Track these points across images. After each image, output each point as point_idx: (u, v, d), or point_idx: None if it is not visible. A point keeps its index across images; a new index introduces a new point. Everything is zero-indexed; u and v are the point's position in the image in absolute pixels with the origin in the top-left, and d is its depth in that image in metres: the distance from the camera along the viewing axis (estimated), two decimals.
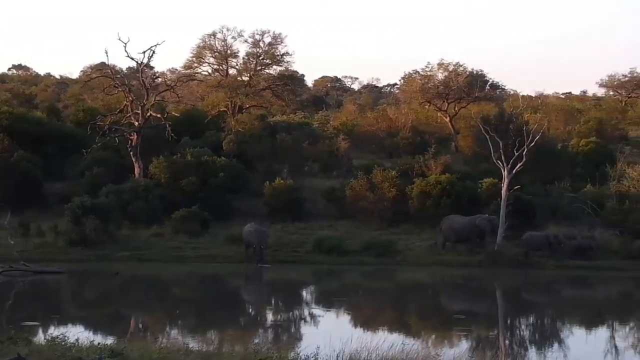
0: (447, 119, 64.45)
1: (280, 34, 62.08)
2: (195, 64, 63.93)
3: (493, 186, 45.04)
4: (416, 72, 67.33)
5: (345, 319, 30.08)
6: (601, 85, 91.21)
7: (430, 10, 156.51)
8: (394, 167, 49.67)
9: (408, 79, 68.71)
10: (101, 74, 54.02)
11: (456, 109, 64.56)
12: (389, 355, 17.20)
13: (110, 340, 20.44)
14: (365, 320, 29.13)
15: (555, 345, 25.13)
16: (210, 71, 64.87)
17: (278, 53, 62.00)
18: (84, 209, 40.59)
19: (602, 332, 28.56)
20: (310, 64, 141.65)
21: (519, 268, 40.09)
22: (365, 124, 64.37)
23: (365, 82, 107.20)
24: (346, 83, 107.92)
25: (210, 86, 63.36)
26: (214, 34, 62.24)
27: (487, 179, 46.16)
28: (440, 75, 65.58)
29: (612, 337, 27.18)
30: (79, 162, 48.71)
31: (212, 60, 63.60)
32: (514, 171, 42.66)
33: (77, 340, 17.29)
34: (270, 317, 30.51)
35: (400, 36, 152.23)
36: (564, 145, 57.53)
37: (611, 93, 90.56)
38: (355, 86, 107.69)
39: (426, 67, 66.21)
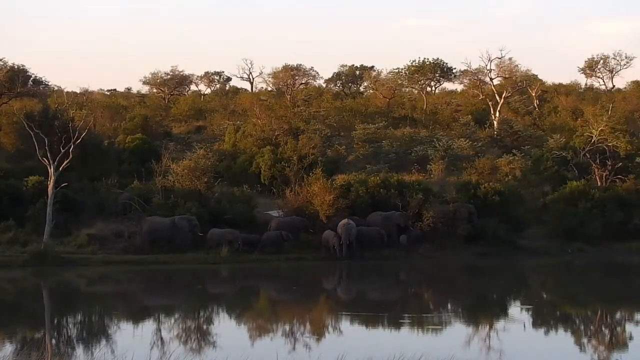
0: None
1: None
2: None
3: (39, 184, 44.07)
4: None
5: None
6: (145, 83, 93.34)
7: None
8: None
9: None
10: None
11: None
12: None
13: None
14: None
15: (103, 341, 25.16)
16: None
17: None
18: None
19: (149, 326, 29.12)
20: None
21: (66, 265, 39.59)
22: None
23: None
24: None
25: None
26: None
27: (32, 176, 45.06)
28: None
29: (159, 330, 27.81)
30: None
31: None
32: (60, 168, 42.08)
33: None
34: None
35: None
36: (110, 142, 57.85)
37: (155, 90, 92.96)
38: None
39: None
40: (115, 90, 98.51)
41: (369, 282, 40.39)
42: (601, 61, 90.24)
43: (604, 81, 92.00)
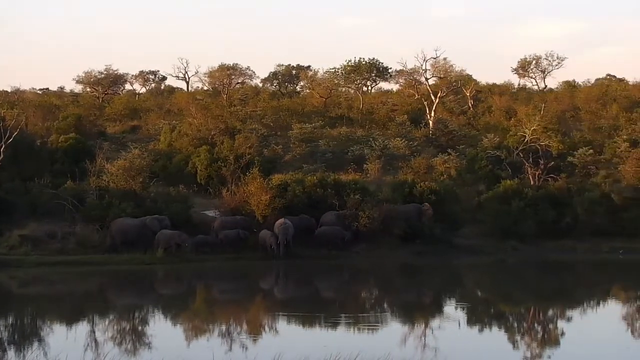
0: None
1: None
2: None
3: None
4: None
5: None
6: (78, 82, 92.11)
7: None
8: None
9: None
10: None
11: None
12: None
13: None
14: None
15: (36, 344, 24.78)
16: None
17: None
18: None
19: (83, 327, 28.77)
20: None
21: None
22: None
23: None
24: None
25: None
26: None
27: None
28: None
29: (93, 331, 27.50)
30: None
31: None
32: None
33: None
34: None
35: None
36: (43, 142, 56.96)
37: (88, 89, 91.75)
38: None
39: None
40: (47, 89, 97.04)
41: (307, 281, 40.42)
42: (534, 62, 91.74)
43: (536, 81, 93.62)
